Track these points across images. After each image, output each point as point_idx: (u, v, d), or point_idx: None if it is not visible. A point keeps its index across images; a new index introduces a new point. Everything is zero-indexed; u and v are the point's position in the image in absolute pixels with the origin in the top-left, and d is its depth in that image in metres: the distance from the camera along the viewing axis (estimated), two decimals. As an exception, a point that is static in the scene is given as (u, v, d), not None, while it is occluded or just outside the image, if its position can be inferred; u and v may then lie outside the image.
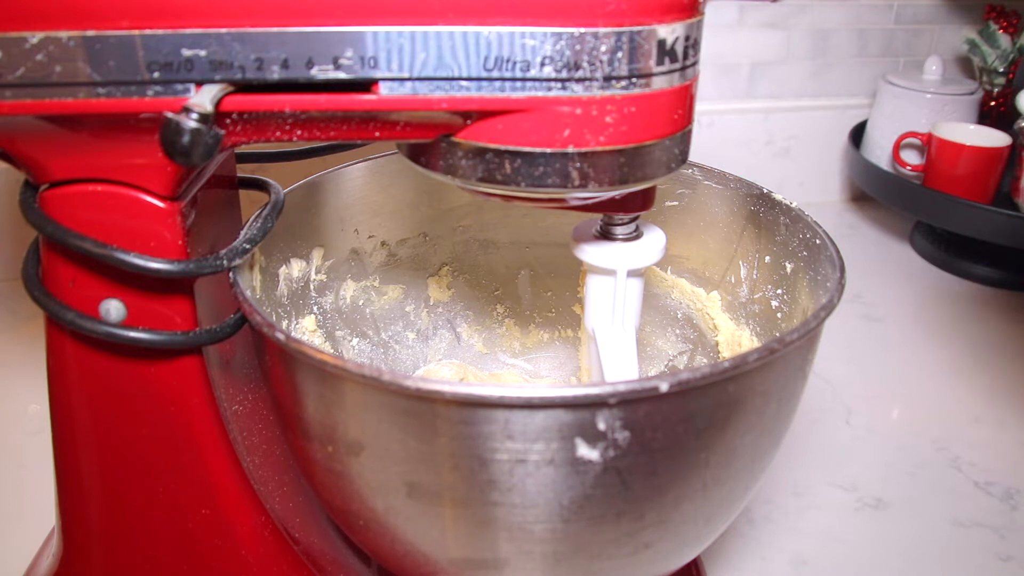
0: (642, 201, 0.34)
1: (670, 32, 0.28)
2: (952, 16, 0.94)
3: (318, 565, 0.41)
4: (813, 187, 0.98)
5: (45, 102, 0.28)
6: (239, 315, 0.35)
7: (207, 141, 0.27)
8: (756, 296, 0.45)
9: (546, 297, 0.55)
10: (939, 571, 0.48)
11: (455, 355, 0.55)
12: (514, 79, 0.28)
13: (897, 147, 0.85)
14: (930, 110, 0.84)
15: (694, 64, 0.30)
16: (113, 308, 0.33)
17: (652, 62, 0.28)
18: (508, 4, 0.27)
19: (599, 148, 0.29)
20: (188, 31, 0.27)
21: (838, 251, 0.37)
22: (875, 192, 0.86)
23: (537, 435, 0.28)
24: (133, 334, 0.33)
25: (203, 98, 0.27)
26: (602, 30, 0.27)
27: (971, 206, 0.76)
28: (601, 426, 0.28)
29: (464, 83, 0.28)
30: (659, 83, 0.29)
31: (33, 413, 0.59)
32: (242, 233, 0.36)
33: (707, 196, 0.47)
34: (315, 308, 0.46)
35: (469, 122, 0.29)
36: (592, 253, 0.37)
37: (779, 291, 0.43)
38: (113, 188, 0.31)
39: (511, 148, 0.29)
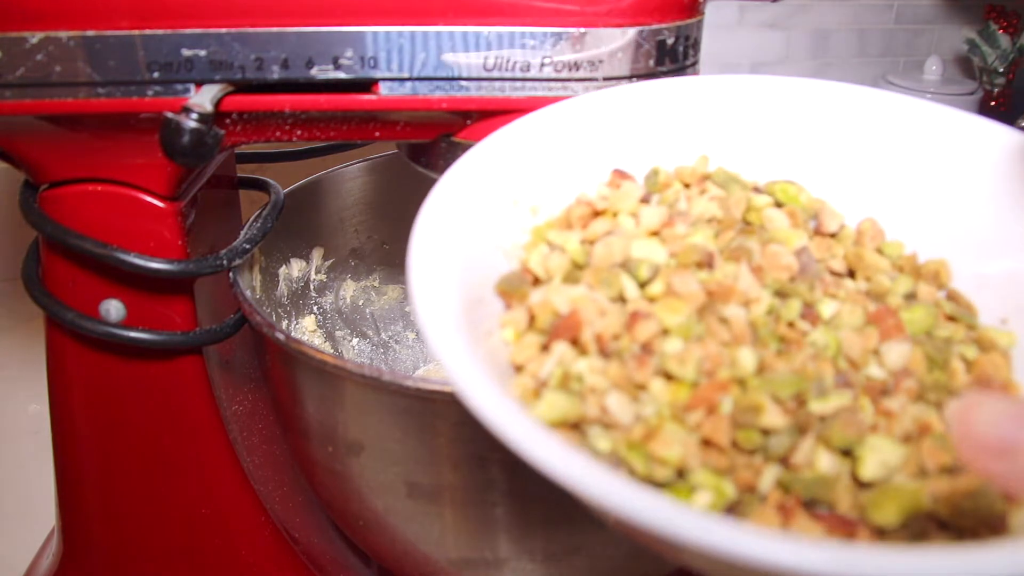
0: (642, 201, 0.34)
1: (670, 32, 0.28)
2: (952, 16, 0.94)
3: (318, 565, 0.41)
4: (813, 187, 0.98)
5: (45, 102, 0.28)
6: (239, 315, 0.35)
7: (207, 141, 0.27)
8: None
9: (546, 297, 0.55)
10: (939, 571, 0.48)
11: (455, 355, 0.55)
12: (514, 79, 0.28)
13: (897, 147, 0.85)
14: (930, 110, 0.84)
15: (694, 64, 0.30)
16: (113, 308, 0.33)
17: (652, 62, 0.28)
18: (508, 4, 0.27)
19: (599, 148, 0.29)
20: (188, 31, 0.27)
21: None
22: (875, 192, 0.86)
23: (537, 435, 0.28)
24: (133, 334, 0.33)
25: (203, 98, 0.27)
26: (602, 30, 0.27)
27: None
28: (601, 426, 0.28)
29: (464, 83, 0.28)
30: (659, 83, 0.29)
31: (33, 413, 0.59)
32: (242, 233, 0.36)
33: (707, 196, 0.47)
34: (315, 308, 0.46)
35: (469, 122, 0.29)
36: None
37: (779, 291, 0.43)
38: (113, 188, 0.31)
39: (511, 148, 0.29)
